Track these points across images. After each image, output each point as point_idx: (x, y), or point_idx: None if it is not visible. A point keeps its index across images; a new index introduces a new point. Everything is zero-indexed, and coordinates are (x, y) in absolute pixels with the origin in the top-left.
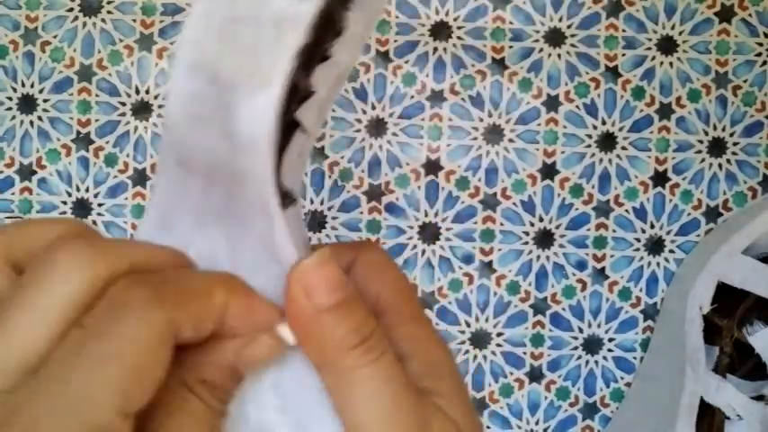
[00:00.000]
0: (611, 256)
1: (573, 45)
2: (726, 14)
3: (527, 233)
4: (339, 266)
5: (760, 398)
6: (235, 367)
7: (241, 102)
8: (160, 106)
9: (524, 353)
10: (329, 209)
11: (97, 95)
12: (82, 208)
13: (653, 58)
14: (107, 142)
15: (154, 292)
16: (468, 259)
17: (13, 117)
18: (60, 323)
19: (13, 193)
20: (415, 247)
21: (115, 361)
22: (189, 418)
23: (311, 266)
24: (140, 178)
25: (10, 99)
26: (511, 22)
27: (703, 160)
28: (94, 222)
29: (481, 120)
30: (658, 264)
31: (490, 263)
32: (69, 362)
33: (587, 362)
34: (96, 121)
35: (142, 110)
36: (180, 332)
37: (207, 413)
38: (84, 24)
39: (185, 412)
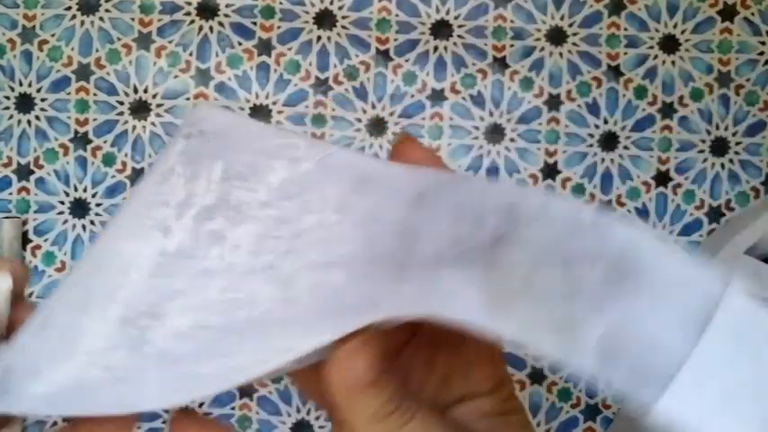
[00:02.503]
0: None
1: (574, 44)
2: (728, 13)
3: None
4: (369, 349)
5: None
6: None
7: None
8: (158, 105)
9: (526, 354)
10: None
11: (95, 94)
12: (80, 208)
13: (655, 56)
14: (105, 142)
15: None
16: None
17: (11, 116)
18: None
19: (10, 193)
20: None
21: None
22: None
23: (344, 356)
24: (138, 178)
25: (8, 98)
26: (512, 21)
27: (706, 160)
28: (92, 222)
29: (482, 119)
30: None
31: None
32: None
33: None
34: (94, 120)
35: (140, 109)
36: None
37: None
38: (83, 23)
39: None
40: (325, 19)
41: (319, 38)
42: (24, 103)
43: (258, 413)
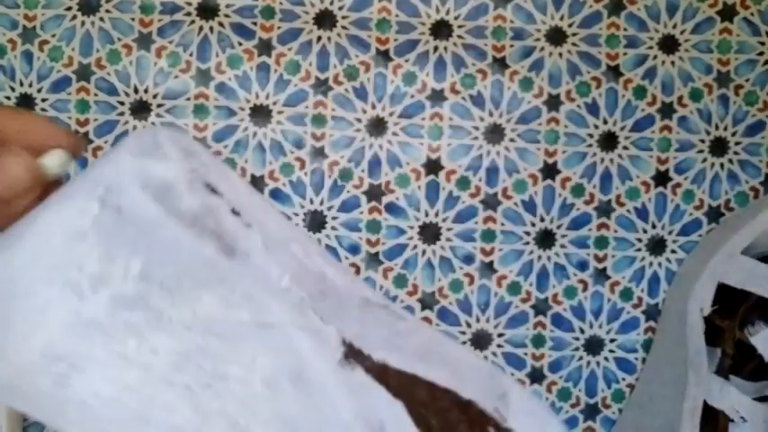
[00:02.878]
0: (613, 256)
1: (574, 44)
2: (727, 13)
3: (528, 233)
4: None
5: (763, 399)
6: None
7: None
8: (159, 105)
9: (525, 354)
10: (329, 209)
11: (96, 95)
12: None
13: (654, 57)
14: (106, 142)
15: None
16: (468, 259)
17: None
18: None
19: None
20: (415, 247)
21: None
22: None
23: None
24: None
25: (8, 98)
26: (512, 21)
27: (705, 160)
28: None
29: (482, 119)
30: (660, 264)
31: (491, 263)
32: None
33: (588, 363)
34: (95, 120)
35: (141, 109)
36: None
37: None
38: (83, 23)
39: None
40: (325, 19)
41: (319, 38)
42: (25, 104)
43: None
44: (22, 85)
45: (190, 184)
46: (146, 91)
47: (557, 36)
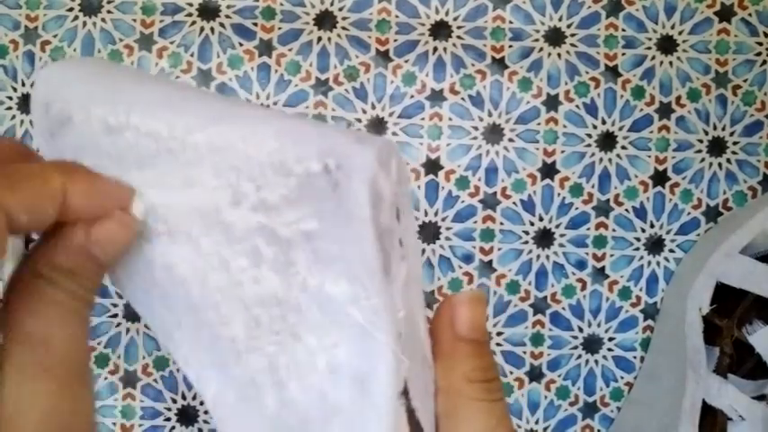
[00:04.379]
0: (611, 255)
1: (573, 44)
2: (726, 14)
3: (527, 232)
4: (486, 313)
5: (761, 397)
6: (89, 251)
7: None
8: None
9: (524, 352)
10: None
11: None
12: None
13: (653, 57)
14: None
15: None
16: (467, 258)
17: (14, 117)
18: None
19: None
20: None
21: None
22: (49, 306)
23: (466, 300)
24: None
25: (10, 98)
26: (511, 22)
27: (703, 160)
28: None
29: (481, 119)
30: (658, 263)
31: (490, 262)
32: None
33: (587, 361)
34: None
35: None
36: (12, 217)
37: (68, 301)
38: (85, 24)
39: (44, 302)
40: (325, 20)
41: (320, 39)
42: (26, 104)
43: None
44: (23, 85)
45: (391, 205)
46: None
47: (555, 37)
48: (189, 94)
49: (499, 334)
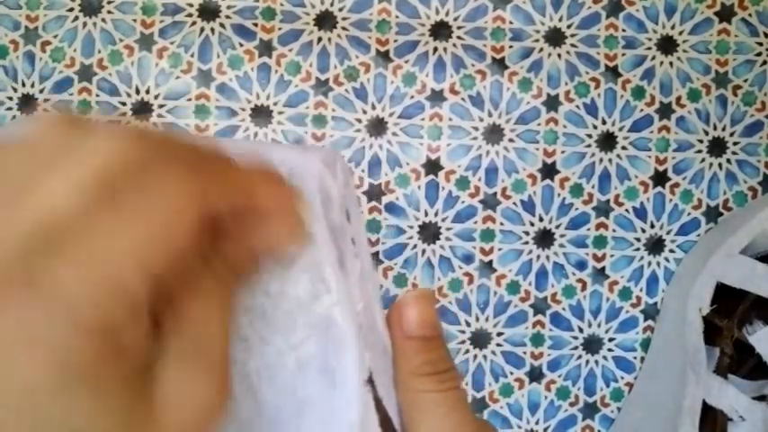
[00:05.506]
0: (612, 255)
1: (573, 45)
2: (726, 14)
3: (527, 233)
4: (434, 309)
5: (762, 398)
6: (252, 246)
7: None
8: (160, 106)
9: (524, 352)
10: None
11: (97, 95)
12: None
13: (653, 57)
14: None
15: (188, 165)
16: (468, 259)
17: (14, 117)
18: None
19: None
20: (415, 246)
21: (143, 216)
22: (209, 291)
23: (412, 300)
24: None
25: (10, 99)
26: (511, 22)
27: (703, 160)
28: None
29: (481, 119)
30: (658, 263)
31: (490, 262)
32: (95, 214)
33: (587, 361)
34: (96, 121)
35: (142, 110)
36: (211, 202)
37: (220, 288)
38: (85, 24)
39: (204, 288)
40: (325, 20)
41: (320, 39)
42: (27, 104)
43: None
44: (24, 85)
45: (340, 205)
46: (147, 92)
47: (555, 37)
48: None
49: (499, 334)
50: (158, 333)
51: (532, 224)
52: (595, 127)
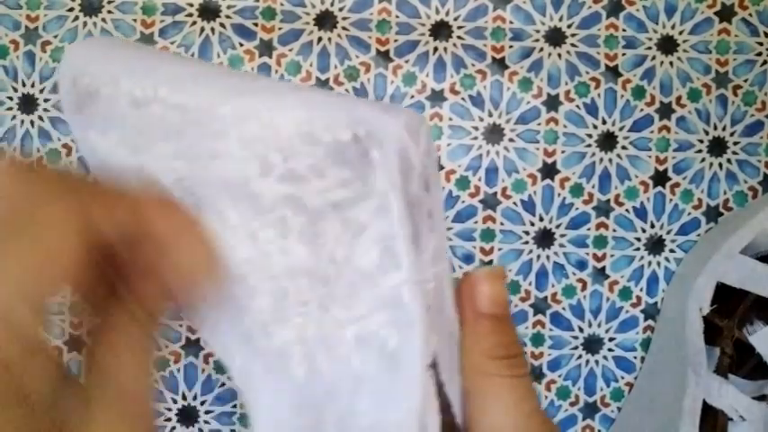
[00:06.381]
0: (612, 255)
1: (573, 45)
2: (726, 14)
3: (527, 233)
4: (505, 288)
5: (762, 398)
6: (162, 282)
7: None
8: None
9: (524, 352)
10: None
11: None
12: None
13: (653, 57)
14: None
15: (69, 193)
16: (468, 259)
17: (14, 117)
18: None
19: None
20: None
21: (24, 247)
22: (122, 337)
23: (484, 276)
24: None
25: (11, 99)
26: (511, 22)
27: (704, 160)
28: None
29: (481, 119)
30: (659, 263)
31: (490, 262)
32: None
33: (587, 361)
34: None
35: None
36: (95, 226)
37: (139, 329)
38: (85, 24)
39: (117, 332)
40: (325, 20)
41: (320, 39)
42: (27, 104)
43: None
44: (24, 85)
45: (420, 175)
46: None
47: (556, 37)
48: (214, 70)
49: None
50: (75, 381)
51: (533, 224)
52: (595, 127)
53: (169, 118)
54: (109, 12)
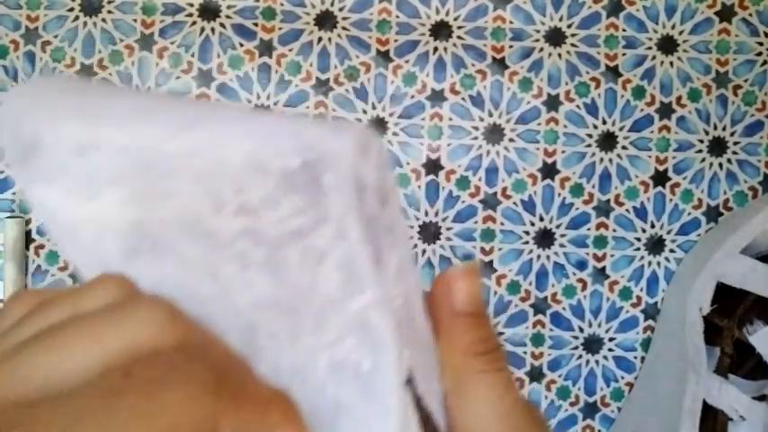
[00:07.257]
0: (612, 255)
1: (573, 45)
2: (726, 14)
3: (527, 232)
4: (480, 283)
5: (762, 398)
6: None
7: None
8: None
9: (525, 352)
10: None
11: None
12: None
13: (653, 57)
14: None
15: (214, 376)
16: (468, 259)
17: None
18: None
19: (13, 193)
20: (415, 246)
21: (146, 422)
22: None
23: (459, 274)
24: None
25: None
26: (511, 22)
27: (704, 160)
28: None
29: (481, 119)
30: (659, 263)
31: (491, 262)
32: (99, 404)
33: (588, 361)
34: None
35: None
36: (219, 417)
37: None
38: (85, 24)
39: None
40: (325, 20)
41: (320, 39)
42: None
43: None
44: None
45: (375, 192)
46: (148, 91)
47: (556, 37)
48: (158, 103)
49: (500, 334)
50: None
51: (533, 224)
52: (596, 127)
53: (115, 162)
54: (109, 12)
